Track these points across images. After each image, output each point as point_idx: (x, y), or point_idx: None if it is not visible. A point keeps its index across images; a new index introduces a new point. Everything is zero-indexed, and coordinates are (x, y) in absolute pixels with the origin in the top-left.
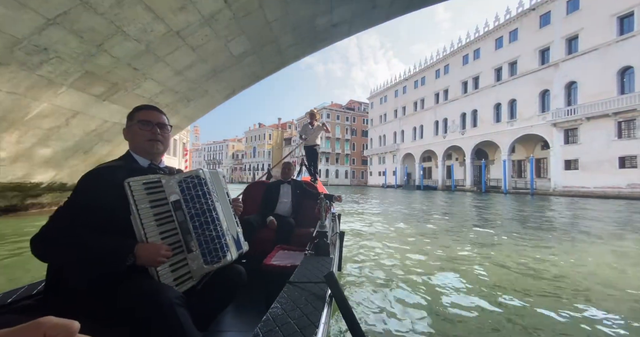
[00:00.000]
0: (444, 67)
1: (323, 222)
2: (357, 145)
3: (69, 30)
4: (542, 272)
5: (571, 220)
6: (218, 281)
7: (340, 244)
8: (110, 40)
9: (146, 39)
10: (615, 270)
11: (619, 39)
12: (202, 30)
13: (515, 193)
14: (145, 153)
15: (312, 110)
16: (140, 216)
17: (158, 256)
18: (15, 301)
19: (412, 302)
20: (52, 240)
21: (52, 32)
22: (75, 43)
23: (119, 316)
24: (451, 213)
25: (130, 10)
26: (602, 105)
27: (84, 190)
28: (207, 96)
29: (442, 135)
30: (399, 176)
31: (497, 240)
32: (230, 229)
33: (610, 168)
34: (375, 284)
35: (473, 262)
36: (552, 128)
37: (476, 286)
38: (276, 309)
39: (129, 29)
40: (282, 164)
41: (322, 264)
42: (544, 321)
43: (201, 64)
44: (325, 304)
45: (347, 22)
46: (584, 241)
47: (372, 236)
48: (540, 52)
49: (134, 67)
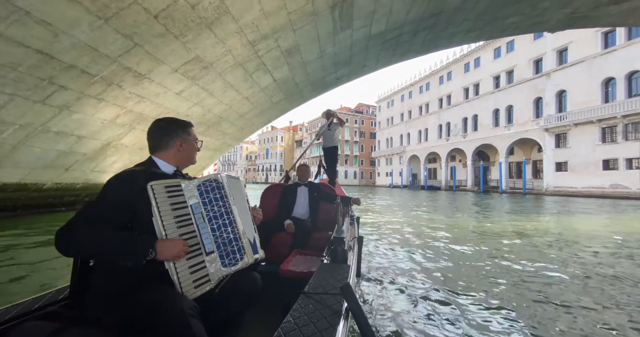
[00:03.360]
0: (447, 74)
1: (340, 227)
2: (366, 147)
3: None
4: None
5: (508, 206)
6: (234, 289)
7: (359, 249)
8: (228, 114)
9: (229, 102)
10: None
11: (603, 52)
12: (259, 94)
13: (511, 193)
14: (188, 163)
15: (329, 110)
16: (162, 217)
17: (176, 250)
18: (41, 307)
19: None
20: (77, 232)
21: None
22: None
23: (135, 325)
24: (432, 206)
25: (228, 94)
26: (588, 113)
27: (110, 190)
28: (252, 126)
29: (446, 138)
30: (405, 177)
31: (435, 216)
32: (247, 233)
33: (595, 170)
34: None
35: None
36: (545, 133)
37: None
38: (289, 324)
39: (222, 98)
40: (298, 166)
41: (339, 273)
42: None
43: (254, 109)
44: (342, 318)
45: (346, 75)
46: (488, 215)
47: (380, 217)
48: (535, 62)
49: (220, 116)
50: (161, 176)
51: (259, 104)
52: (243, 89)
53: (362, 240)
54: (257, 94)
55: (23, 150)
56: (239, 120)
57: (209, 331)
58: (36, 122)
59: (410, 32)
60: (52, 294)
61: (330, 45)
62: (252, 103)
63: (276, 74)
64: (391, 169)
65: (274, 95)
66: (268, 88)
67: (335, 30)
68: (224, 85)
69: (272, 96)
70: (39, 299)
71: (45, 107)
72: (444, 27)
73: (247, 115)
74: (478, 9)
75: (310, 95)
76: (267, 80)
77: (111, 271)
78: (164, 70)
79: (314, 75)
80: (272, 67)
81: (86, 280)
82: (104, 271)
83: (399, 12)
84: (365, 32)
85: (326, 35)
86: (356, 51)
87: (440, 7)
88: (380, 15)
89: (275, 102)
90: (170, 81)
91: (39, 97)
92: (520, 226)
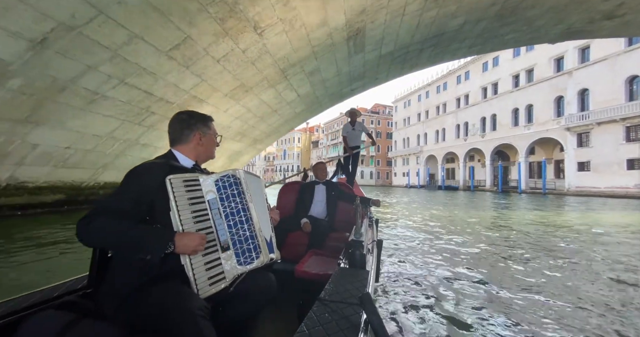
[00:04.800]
0: (464, 74)
1: (359, 230)
2: (382, 147)
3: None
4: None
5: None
6: (249, 288)
7: (378, 253)
8: (260, 124)
9: (261, 115)
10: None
11: (626, 49)
12: (285, 107)
13: (531, 193)
14: (207, 158)
15: (352, 109)
16: (179, 211)
17: (195, 244)
18: (60, 295)
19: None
20: (96, 223)
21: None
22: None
23: (145, 322)
24: (449, 204)
25: (261, 108)
26: (611, 112)
27: (129, 182)
28: (278, 133)
29: (463, 138)
30: (422, 177)
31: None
32: (263, 232)
33: (619, 169)
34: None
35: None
36: (566, 132)
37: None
38: (303, 334)
39: (256, 112)
40: (315, 164)
41: (357, 279)
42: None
43: (280, 119)
44: (360, 332)
45: (360, 87)
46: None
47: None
48: (555, 60)
49: (253, 126)
50: (179, 169)
51: (284, 115)
52: (273, 104)
53: (381, 243)
54: (284, 107)
55: (121, 158)
56: (268, 129)
57: (221, 331)
58: (132, 138)
59: (416, 50)
60: (72, 283)
61: (345, 65)
62: (279, 114)
63: (300, 91)
64: (408, 169)
65: (297, 107)
66: (293, 102)
67: (350, 55)
68: (259, 102)
69: (296, 108)
70: (59, 287)
71: (140, 127)
72: (448, 44)
73: (275, 124)
74: (477, 30)
75: (328, 105)
76: (292, 96)
77: (127, 265)
78: (218, 96)
79: (332, 89)
80: (297, 85)
81: (104, 271)
82: (120, 264)
83: (404, 36)
84: (376, 54)
85: (342, 59)
86: (368, 68)
87: (441, 30)
88: (388, 40)
89: (298, 113)
90: (221, 103)
91: (138, 121)
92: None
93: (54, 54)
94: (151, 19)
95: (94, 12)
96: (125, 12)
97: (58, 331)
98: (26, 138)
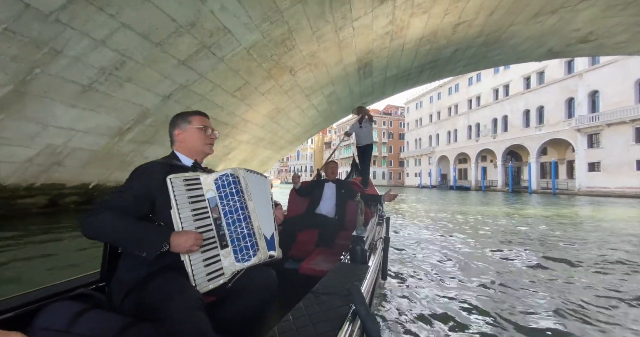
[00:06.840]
0: (476, 75)
1: (360, 225)
2: (394, 148)
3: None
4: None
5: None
6: (248, 284)
7: (385, 250)
8: (286, 134)
9: (288, 128)
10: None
11: None
12: (306, 120)
13: (542, 193)
14: (199, 154)
15: (360, 106)
16: (179, 210)
17: (189, 243)
18: (73, 288)
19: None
20: (97, 218)
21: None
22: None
23: (147, 313)
24: (453, 203)
25: (289, 123)
26: (621, 113)
27: (132, 180)
28: (299, 140)
29: (475, 139)
30: (434, 177)
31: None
32: (263, 230)
33: (629, 170)
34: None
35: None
36: (577, 133)
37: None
38: (287, 323)
39: (284, 126)
40: (326, 163)
41: (355, 274)
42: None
43: (301, 130)
44: (346, 322)
45: (370, 101)
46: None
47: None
48: (566, 62)
49: (281, 137)
50: (180, 168)
51: (305, 126)
52: (298, 119)
53: (388, 241)
54: (305, 121)
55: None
56: (291, 138)
57: (219, 325)
58: None
59: (417, 72)
60: (85, 278)
61: (356, 87)
62: (302, 127)
63: (319, 108)
64: (420, 169)
65: (316, 120)
66: (313, 116)
67: (360, 79)
68: (288, 119)
69: (315, 120)
70: (74, 281)
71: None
72: (444, 66)
73: (297, 134)
74: (468, 55)
75: (341, 116)
76: (313, 112)
77: (133, 260)
78: (258, 116)
79: (345, 104)
80: (317, 104)
81: (115, 265)
82: (127, 258)
83: (405, 63)
84: (382, 77)
85: (354, 83)
86: (376, 87)
87: (436, 57)
88: (392, 67)
89: (316, 124)
90: (260, 121)
91: None
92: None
93: (172, 102)
94: (228, 75)
95: (198, 76)
96: (215, 74)
97: (70, 318)
98: (143, 153)
